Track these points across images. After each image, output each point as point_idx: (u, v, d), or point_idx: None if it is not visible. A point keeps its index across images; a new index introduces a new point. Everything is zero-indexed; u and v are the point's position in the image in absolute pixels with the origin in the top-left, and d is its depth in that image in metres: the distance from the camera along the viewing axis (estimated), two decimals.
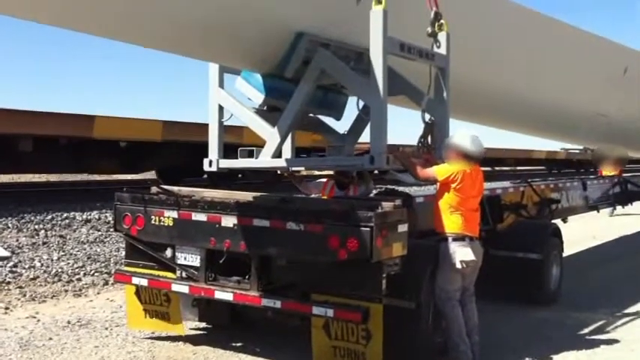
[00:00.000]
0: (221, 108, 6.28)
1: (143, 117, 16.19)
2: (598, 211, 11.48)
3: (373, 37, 5.19)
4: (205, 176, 16.83)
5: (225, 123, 6.35)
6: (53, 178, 19.74)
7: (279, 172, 6.48)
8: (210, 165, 6.28)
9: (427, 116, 5.90)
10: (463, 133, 5.64)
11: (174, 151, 16.03)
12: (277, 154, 5.79)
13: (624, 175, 13.37)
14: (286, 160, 6.01)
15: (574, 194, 10.24)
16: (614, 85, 9.74)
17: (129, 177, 18.75)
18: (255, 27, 5.16)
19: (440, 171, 5.48)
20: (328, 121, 6.45)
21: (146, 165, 16.84)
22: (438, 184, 5.57)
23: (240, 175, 16.72)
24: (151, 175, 18.18)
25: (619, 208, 14.52)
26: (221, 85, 6.27)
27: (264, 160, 5.80)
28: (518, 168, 35.17)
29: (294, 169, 6.18)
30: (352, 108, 6.25)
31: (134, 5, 4.51)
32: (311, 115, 6.24)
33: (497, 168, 32.59)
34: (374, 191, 7.18)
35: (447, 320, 5.42)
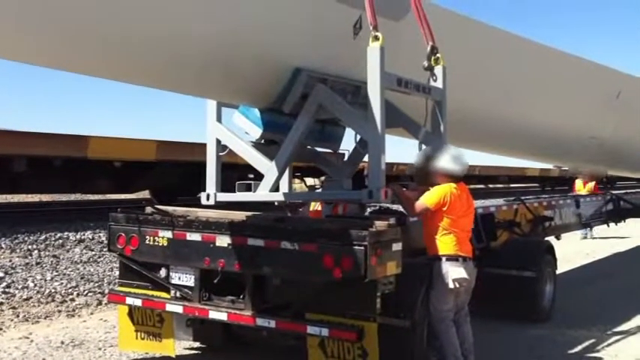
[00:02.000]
0: (219, 142, 6.33)
1: (137, 137, 16.25)
2: (591, 229, 11.54)
3: (370, 74, 5.24)
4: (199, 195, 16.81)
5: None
6: (46, 198, 19.70)
7: (276, 203, 6.53)
8: (208, 199, 6.29)
9: (417, 158, 5.96)
10: (444, 155, 5.68)
11: (169, 171, 16.05)
12: (275, 187, 5.83)
13: (615, 192, 13.45)
14: (284, 193, 6.03)
15: (567, 212, 10.30)
16: (608, 109, 9.86)
17: (123, 197, 18.71)
18: (253, 64, 5.20)
19: (429, 200, 5.49)
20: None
21: (140, 185, 16.87)
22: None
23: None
24: (144, 194, 18.16)
25: (595, 231, 14.66)
26: (219, 119, 6.32)
27: (262, 193, 5.84)
28: (512, 185, 35.28)
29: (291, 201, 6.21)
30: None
31: (128, 46, 4.51)
32: (308, 147, 6.30)
33: (490, 185, 32.68)
34: (368, 210, 7.21)
35: (442, 340, 5.42)
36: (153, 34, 4.51)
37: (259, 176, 6.14)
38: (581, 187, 15.27)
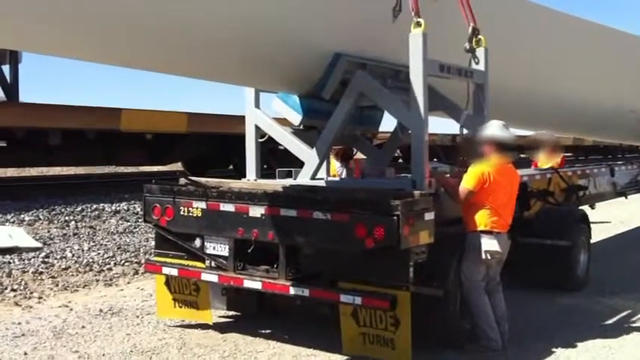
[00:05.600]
0: (258, 128, 6.34)
1: (168, 109, 16.38)
2: (626, 197, 11.33)
3: (413, 61, 5.19)
4: (231, 167, 16.95)
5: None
6: (81, 170, 20.02)
7: None
8: None
9: (465, 132, 5.89)
10: (493, 123, 5.57)
11: (200, 143, 16.17)
12: (315, 175, 5.84)
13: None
14: (325, 182, 6.05)
15: (602, 180, 10.14)
16: None
17: (155, 169, 18.94)
18: (293, 51, 5.19)
19: (469, 182, 5.39)
20: None
21: (172, 157, 17.03)
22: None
23: (265, 166, 16.87)
24: (177, 166, 18.35)
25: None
26: (257, 105, 6.33)
27: (303, 181, 5.89)
28: None
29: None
30: None
31: (166, 36, 4.51)
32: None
33: (523, 155, 32.16)
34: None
35: (474, 309, 5.43)
36: (189, 22, 4.48)
37: None
38: (544, 163, 12.15)
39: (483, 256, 5.36)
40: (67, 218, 10.62)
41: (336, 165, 7.44)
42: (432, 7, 5.51)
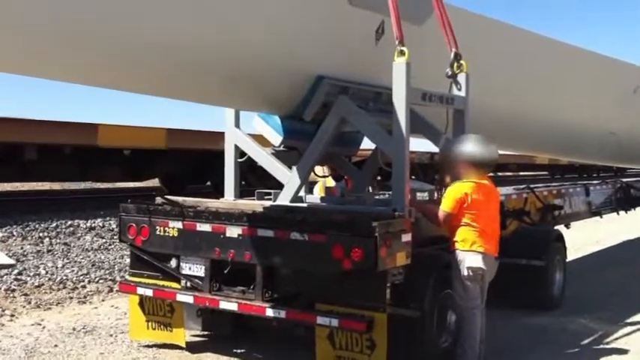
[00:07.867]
0: (237, 148, 6.32)
1: (147, 125, 16.27)
2: (601, 217, 11.47)
3: (396, 90, 5.22)
4: (209, 183, 16.86)
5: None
6: (56, 186, 19.78)
7: None
8: None
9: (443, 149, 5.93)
10: (470, 139, 5.46)
11: (178, 159, 16.07)
12: (295, 197, 5.83)
13: (625, 180, 13.32)
14: (307, 204, 6.03)
15: (577, 200, 10.23)
16: (625, 104, 9.84)
17: (132, 185, 18.77)
18: (275, 74, 5.19)
19: (446, 205, 5.33)
20: None
21: (150, 173, 16.89)
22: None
23: (243, 182, 16.82)
24: (154, 182, 18.21)
25: None
26: (237, 125, 6.32)
27: (282, 203, 5.87)
28: (521, 173, 35.09)
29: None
30: None
31: (150, 58, 4.51)
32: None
33: (499, 174, 32.50)
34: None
35: (465, 328, 5.36)
36: (173, 46, 4.47)
37: None
38: None
39: (465, 272, 5.29)
40: (41, 235, 10.48)
41: (332, 183, 7.50)
42: (415, 31, 5.55)
